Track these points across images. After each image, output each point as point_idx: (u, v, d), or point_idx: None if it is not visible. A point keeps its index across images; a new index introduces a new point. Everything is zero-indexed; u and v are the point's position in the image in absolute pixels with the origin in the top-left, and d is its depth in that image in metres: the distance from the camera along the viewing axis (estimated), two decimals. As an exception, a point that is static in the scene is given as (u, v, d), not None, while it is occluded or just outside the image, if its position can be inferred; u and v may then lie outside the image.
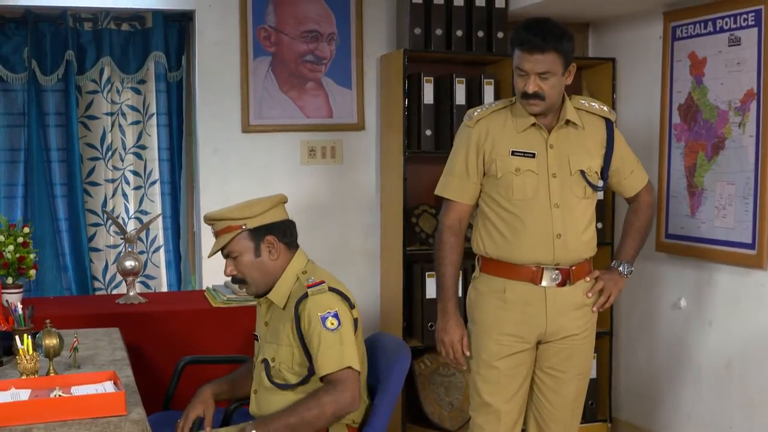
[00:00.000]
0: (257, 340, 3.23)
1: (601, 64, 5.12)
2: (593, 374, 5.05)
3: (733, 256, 4.25)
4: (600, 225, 4.94)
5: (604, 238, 4.90)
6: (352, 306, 3.05)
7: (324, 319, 2.95)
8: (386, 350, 3.17)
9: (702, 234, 4.43)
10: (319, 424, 2.91)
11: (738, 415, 4.30)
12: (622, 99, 5.07)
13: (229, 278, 3.15)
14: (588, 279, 3.44)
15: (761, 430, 4.17)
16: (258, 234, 3.07)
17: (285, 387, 3.04)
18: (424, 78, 4.80)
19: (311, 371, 3.00)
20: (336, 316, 2.96)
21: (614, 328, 5.12)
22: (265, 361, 3.08)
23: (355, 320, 3.04)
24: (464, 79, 4.81)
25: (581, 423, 4.89)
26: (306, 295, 2.99)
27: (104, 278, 5.07)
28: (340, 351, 2.93)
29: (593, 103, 3.50)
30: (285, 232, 3.13)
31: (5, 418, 2.53)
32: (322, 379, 2.94)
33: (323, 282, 3.03)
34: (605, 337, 5.09)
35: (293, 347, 3.02)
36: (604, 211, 5.00)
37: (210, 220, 3.12)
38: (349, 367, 2.92)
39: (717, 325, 4.43)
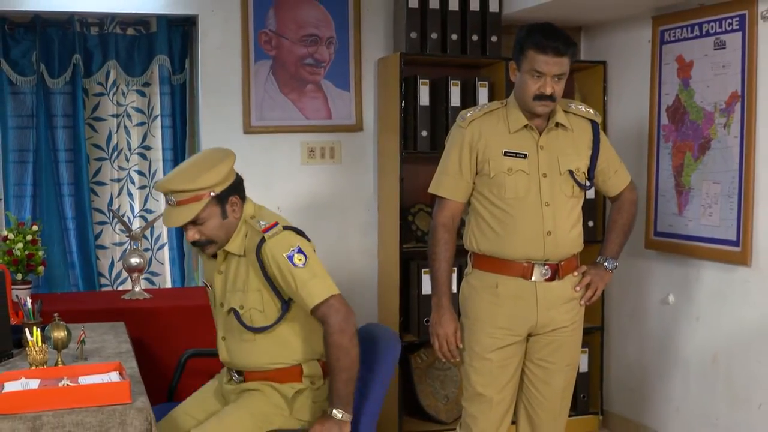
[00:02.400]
0: (210, 287, 3.25)
1: (592, 67, 5.18)
2: (585, 368, 5.12)
3: (718, 253, 4.32)
4: (591, 223, 5.01)
5: (596, 236, 4.95)
6: (308, 239, 3.12)
7: (291, 258, 2.99)
8: (378, 340, 3.23)
9: (689, 232, 4.50)
10: (352, 355, 2.98)
11: (724, 407, 4.36)
12: (613, 101, 5.13)
13: (190, 243, 3.11)
14: (576, 274, 3.52)
15: (745, 421, 4.23)
16: (223, 197, 3.06)
17: (261, 330, 3.09)
18: (420, 80, 4.86)
19: (284, 310, 3.08)
20: (300, 251, 3.01)
21: (605, 323, 5.18)
22: (233, 310, 3.11)
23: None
24: (459, 82, 4.87)
25: (573, 415, 5.00)
26: (264, 240, 3.01)
27: (110, 275, 5.12)
28: (317, 283, 2.99)
29: (580, 107, 3.57)
30: (241, 188, 3.14)
31: (16, 406, 2.60)
32: (312, 312, 3.00)
33: (277, 223, 3.06)
34: (596, 332, 5.15)
35: (261, 290, 3.07)
36: (596, 210, 5.06)
37: (172, 191, 3.01)
38: (331, 296, 2.99)
39: (704, 320, 4.50)
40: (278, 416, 3.11)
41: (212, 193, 3.03)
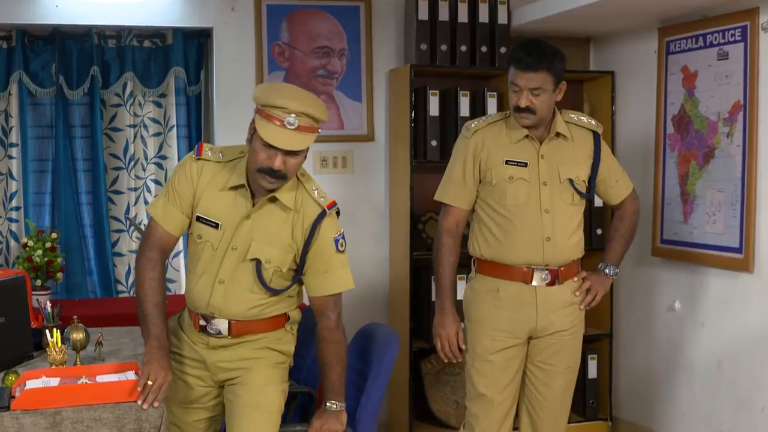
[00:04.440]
0: (216, 227, 3.08)
1: (601, 77, 5.34)
2: (594, 374, 5.26)
3: (722, 260, 4.47)
4: (600, 231, 5.17)
5: (603, 244, 5.04)
6: None
7: (336, 242, 3.12)
8: (378, 338, 3.41)
9: (694, 239, 4.65)
10: (345, 346, 3.19)
11: (728, 411, 4.50)
12: (620, 110, 5.28)
13: (263, 168, 2.94)
14: (576, 279, 3.69)
15: (749, 425, 4.37)
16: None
17: (276, 292, 3.12)
18: (430, 91, 5.02)
19: (295, 280, 3.15)
20: (343, 237, 3.16)
21: (613, 330, 5.32)
22: (257, 261, 3.07)
23: None
24: (468, 92, 5.03)
25: (582, 421, 5.16)
26: (324, 214, 3.09)
27: (127, 281, 5.30)
28: (345, 272, 3.16)
29: (582, 117, 3.75)
30: None
31: (37, 402, 2.79)
32: (317, 298, 3.15)
33: (335, 203, 3.15)
34: (605, 339, 5.30)
35: (294, 253, 3.11)
36: (604, 218, 5.20)
37: (306, 114, 2.92)
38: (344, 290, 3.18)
39: (709, 326, 4.64)
40: (285, 370, 3.24)
41: (320, 131, 3.02)
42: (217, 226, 3.09)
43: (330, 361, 3.16)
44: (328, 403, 3.16)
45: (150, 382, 2.87)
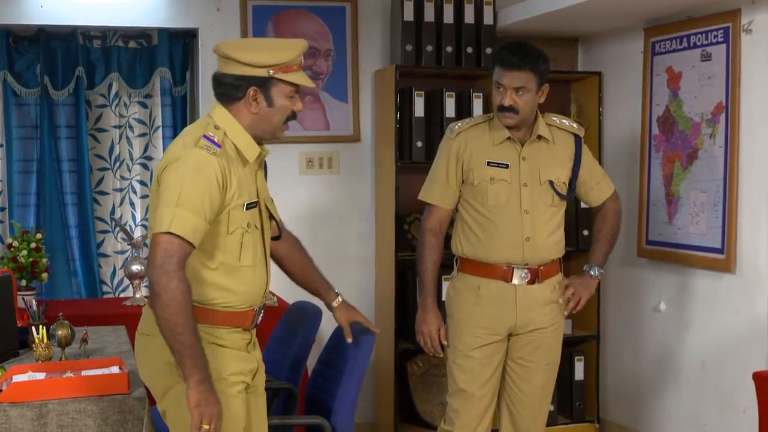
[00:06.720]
0: (255, 206, 2.92)
1: (588, 77, 5.50)
2: (581, 376, 5.43)
3: (705, 261, 4.63)
4: (586, 232, 5.33)
5: (589, 245, 5.22)
6: None
7: None
8: (354, 333, 3.54)
9: (678, 240, 4.81)
10: None
11: (712, 412, 4.67)
12: (607, 110, 5.44)
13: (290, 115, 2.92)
14: (558, 287, 3.87)
15: (732, 425, 4.53)
16: None
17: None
18: (416, 92, 5.17)
19: None
20: None
21: (600, 332, 5.48)
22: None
23: None
24: (454, 93, 5.18)
25: (569, 423, 5.32)
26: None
27: (112, 282, 5.45)
28: None
29: (564, 120, 3.93)
30: None
31: (23, 395, 2.96)
32: None
33: None
34: (592, 341, 5.47)
35: None
36: (590, 219, 5.34)
37: None
38: None
39: (693, 327, 4.80)
40: None
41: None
42: (256, 204, 2.92)
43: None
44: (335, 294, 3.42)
45: (206, 426, 2.64)
